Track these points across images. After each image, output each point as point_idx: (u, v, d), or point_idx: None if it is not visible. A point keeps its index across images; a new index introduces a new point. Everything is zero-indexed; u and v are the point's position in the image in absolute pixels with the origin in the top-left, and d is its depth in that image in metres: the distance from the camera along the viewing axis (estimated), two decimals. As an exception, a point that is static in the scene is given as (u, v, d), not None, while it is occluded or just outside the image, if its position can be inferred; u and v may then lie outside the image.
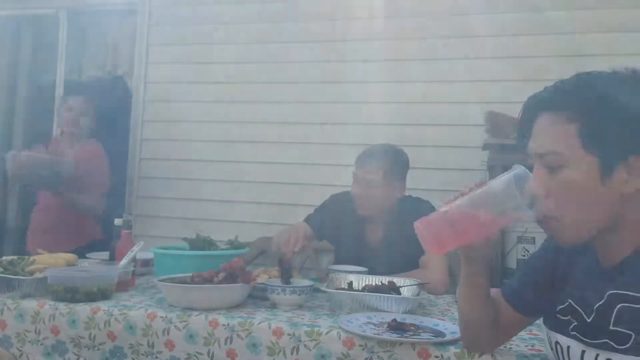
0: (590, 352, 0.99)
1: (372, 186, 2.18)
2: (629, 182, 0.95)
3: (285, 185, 3.39)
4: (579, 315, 1.02)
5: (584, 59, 2.96)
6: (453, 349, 1.28)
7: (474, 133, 2.96)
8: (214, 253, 1.90)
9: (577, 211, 0.98)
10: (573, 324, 1.03)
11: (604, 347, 0.96)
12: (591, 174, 0.95)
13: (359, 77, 3.32)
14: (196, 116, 3.55)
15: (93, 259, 2.12)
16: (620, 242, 0.99)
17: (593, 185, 0.95)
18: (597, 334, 0.98)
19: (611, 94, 0.95)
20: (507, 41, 3.10)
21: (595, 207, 0.97)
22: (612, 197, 0.96)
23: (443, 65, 3.20)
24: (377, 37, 3.30)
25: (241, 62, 3.53)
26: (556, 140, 0.98)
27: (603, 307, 0.97)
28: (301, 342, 1.38)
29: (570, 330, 1.04)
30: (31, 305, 1.60)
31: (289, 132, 3.40)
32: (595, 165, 0.95)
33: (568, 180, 0.97)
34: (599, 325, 0.97)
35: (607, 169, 0.95)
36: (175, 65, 3.65)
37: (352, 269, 2.05)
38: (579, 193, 0.97)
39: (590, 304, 1.00)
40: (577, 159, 0.96)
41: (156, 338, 1.48)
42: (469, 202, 1.05)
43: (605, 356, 0.96)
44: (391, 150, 2.27)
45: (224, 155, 3.34)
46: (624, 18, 2.95)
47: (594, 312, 0.99)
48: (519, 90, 3.01)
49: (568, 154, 0.97)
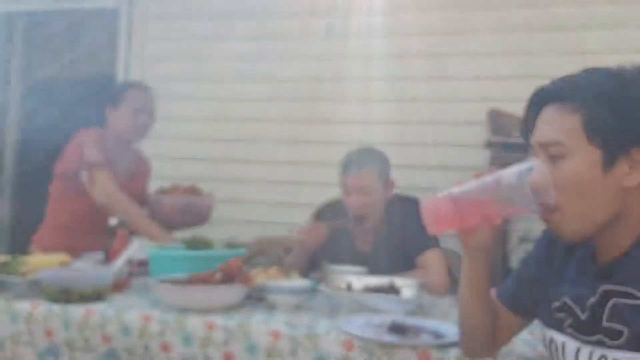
0: (584, 350, 0.99)
1: (368, 192, 2.14)
2: (630, 175, 0.95)
3: (283, 184, 3.37)
4: (573, 312, 1.02)
5: (588, 56, 2.94)
6: (453, 351, 1.27)
7: (477, 131, 2.94)
8: (210, 253, 1.88)
9: (579, 203, 0.97)
10: (568, 321, 1.03)
11: (597, 344, 0.97)
12: (593, 165, 0.95)
13: (359, 75, 3.30)
14: (193, 114, 3.53)
15: (87, 260, 2.09)
16: (619, 238, 0.98)
17: (594, 176, 0.95)
18: (591, 331, 0.98)
19: (616, 87, 0.96)
20: (509, 38, 3.08)
21: (596, 200, 0.96)
22: (613, 190, 0.95)
23: (445, 63, 3.18)
24: (378, 34, 3.28)
25: (239, 59, 3.52)
26: (559, 131, 0.98)
27: (596, 303, 0.97)
28: (299, 344, 1.36)
29: (565, 328, 1.04)
30: (24, 306, 1.58)
31: (287, 130, 3.39)
32: (597, 156, 0.95)
33: (570, 170, 0.97)
34: (592, 322, 0.98)
35: (609, 161, 0.94)
36: (172, 63, 3.64)
37: (351, 269, 2.03)
38: (580, 184, 0.96)
39: (584, 300, 1.00)
40: (580, 150, 0.96)
41: (152, 340, 1.46)
42: (476, 188, 1.04)
43: (600, 353, 0.96)
44: (373, 151, 2.23)
45: (221, 154, 3.33)
46: (627, 15, 2.94)
47: (587, 309, 0.99)
48: (521, 88, 2.99)
49: (570, 144, 0.97)
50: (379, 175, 2.16)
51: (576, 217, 0.98)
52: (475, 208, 1.05)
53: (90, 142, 2.38)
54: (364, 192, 2.14)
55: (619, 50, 2.88)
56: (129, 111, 2.39)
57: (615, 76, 0.97)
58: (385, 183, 2.20)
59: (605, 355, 0.95)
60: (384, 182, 2.19)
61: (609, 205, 0.96)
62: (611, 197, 0.96)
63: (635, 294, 0.92)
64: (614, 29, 2.93)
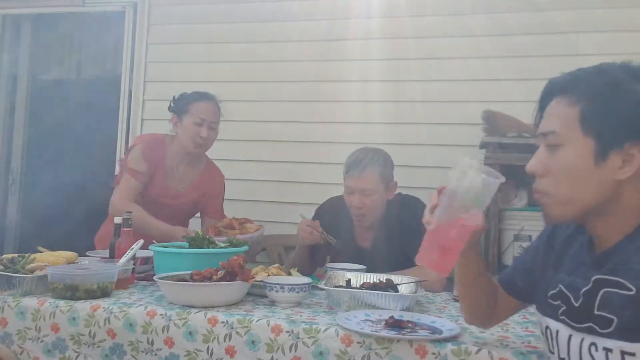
0: (576, 337, 1.03)
1: (370, 193, 2.17)
2: (622, 168, 0.98)
3: (283, 183, 3.40)
4: (567, 299, 1.06)
5: (582, 59, 2.95)
6: (450, 345, 1.30)
7: (472, 132, 2.96)
8: (213, 251, 1.90)
9: (568, 189, 1.02)
10: (562, 308, 1.07)
11: (588, 331, 1.00)
12: (585, 155, 1.00)
13: (357, 76, 3.32)
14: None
15: (93, 257, 2.13)
16: (613, 229, 1.02)
17: (586, 166, 0.99)
18: (582, 319, 1.02)
19: (615, 82, 0.99)
20: (505, 40, 3.11)
21: (585, 187, 1.01)
22: (604, 181, 0.99)
23: (441, 65, 3.21)
24: (376, 36, 3.30)
25: (239, 61, 3.54)
26: (558, 121, 1.03)
27: (589, 292, 1.01)
28: (299, 339, 1.39)
29: (559, 315, 1.07)
30: (31, 302, 1.61)
31: (287, 130, 3.41)
32: (590, 148, 0.99)
33: (563, 159, 1.02)
34: (584, 310, 1.01)
35: (602, 153, 0.98)
36: (173, 65, 3.66)
37: (350, 267, 2.07)
38: (572, 172, 1.01)
39: (578, 288, 1.04)
40: (574, 140, 1.01)
41: (156, 335, 1.49)
42: (442, 213, 1.10)
43: (590, 340, 1.00)
44: (377, 153, 2.24)
45: (222, 154, 3.34)
46: (622, 18, 2.95)
47: (581, 297, 1.02)
48: (516, 89, 3.06)
49: (566, 135, 1.02)
50: (381, 177, 2.18)
51: (563, 202, 1.03)
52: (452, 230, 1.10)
53: (139, 147, 2.48)
54: (365, 193, 2.17)
55: (612, 53, 2.90)
56: (191, 123, 2.46)
57: (617, 71, 1.01)
58: (387, 184, 2.21)
59: (595, 343, 0.98)
60: (386, 183, 2.20)
61: (597, 195, 1.00)
62: (600, 187, 1.00)
63: (626, 284, 0.95)
64: (607, 31, 2.96)
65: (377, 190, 2.17)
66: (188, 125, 2.47)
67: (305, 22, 3.42)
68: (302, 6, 3.43)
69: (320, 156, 3.34)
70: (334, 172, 3.18)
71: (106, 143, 3.77)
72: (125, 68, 3.77)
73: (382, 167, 2.19)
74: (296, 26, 3.43)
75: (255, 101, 3.49)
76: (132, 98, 3.73)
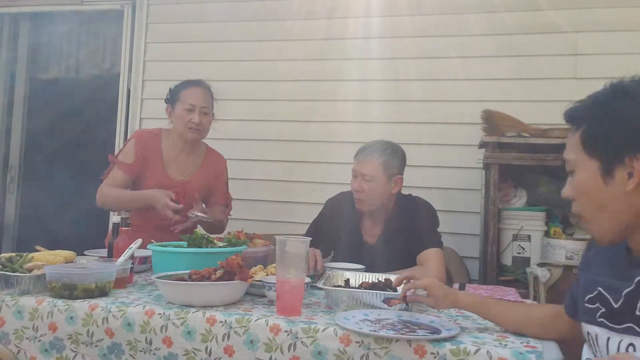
0: (614, 338, 1.06)
1: (370, 179, 2.21)
2: (628, 181, 1.03)
3: (282, 182, 3.39)
4: (606, 301, 1.09)
5: (580, 58, 2.98)
6: (449, 345, 1.29)
7: (471, 131, 2.97)
8: (211, 250, 1.90)
9: (592, 210, 1.09)
10: (601, 311, 1.10)
11: (628, 332, 1.03)
12: (594, 176, 1.07)
13: (356, 75, 3.33)
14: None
15: (91, 256, 2.12)
16: None
17: (598, 186, 1.06)
18: (622, 319, 1.05)
19: (604, 103, 1.07)
20: (504, 40, 3.11)
21: (607, 207, 1.06)
22: (620, 197, 1.04)
23: (440, 64, 3.21)
24: (375, 35, 3.31)
25: (238, 59, 3.54)
26: (569, 149, 1.13)
27: (632, 292, 1.04)
28: (298, 338, 1.39)
29: (597, 318, 1.11)
30: (29, 302, 1.60)
31: (286, 129, 3.41)
32: (596, 168, 1.06)
33: (578, 182, 1.10)
34: (625, 311, 1.05)
35: (607, 170, 1.05)
36: (172, 63, 3.65)
37: (349, 267, 2.07)
38: (587, 194, 1.09)
39: (619, 290, 1.07)
40: (582, 163, 1.09)
41: (154, 335, 1.49)
42: None
43: (628, 341, 1.03)
44: (389, 145, 2.30)
45: (221, 153, 3.35)
46: (620, 17, 2.96)
47: (622, 298, 1.06)
48: (515, 89, 3.06)
49: (575, 160, 1.10)
50: (384, 167, 2.22)
51: (596, 223, 1.09)
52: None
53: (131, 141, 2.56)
54: (365, 178, 2.22)
55: (612, 53, 2.91)
56: (183, 110, 2.50)
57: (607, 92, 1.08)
58: (391, 176, 2.24)
59: (634, 344, 1.01)
60: (389, 174, 2.23)
61: (621, 212, 1.05)
62: (620, 204, 1.05)
63: None
64: (605, 31, 2.96)
65: (377, 177, 2.21)
66: (180, 112, 2.51)
67: (304, 21, 3.42)
68: (301, 5, 3.43)
69: (319, 155, 3.34)
70: (333, 171, 3.20)
71: (105, 142, 3.76)
72: (124, 67, 3.77)
73: (387, 157, 2.24)
74: (295, 25, 3.43)
75: (254, 100, 3.49)
76: (130, 97, 3.73)
